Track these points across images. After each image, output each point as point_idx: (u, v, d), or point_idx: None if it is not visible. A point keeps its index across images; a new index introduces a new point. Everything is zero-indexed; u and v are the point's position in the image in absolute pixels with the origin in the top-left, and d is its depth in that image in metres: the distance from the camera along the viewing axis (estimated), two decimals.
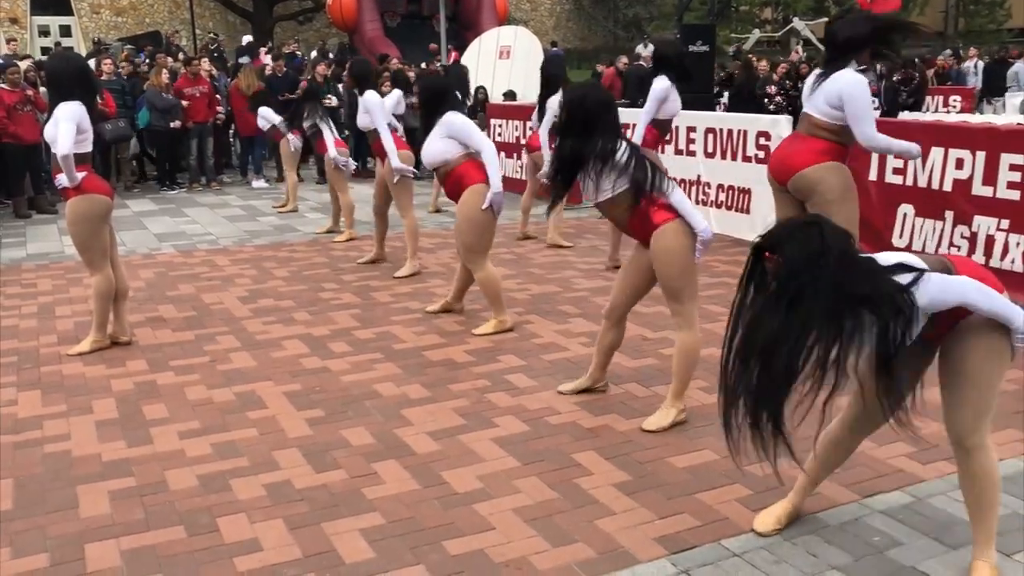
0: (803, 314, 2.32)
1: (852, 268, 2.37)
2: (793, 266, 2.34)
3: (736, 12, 29.51)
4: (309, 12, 27.83)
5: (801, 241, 2.35)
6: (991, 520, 2.76)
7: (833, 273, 2.31)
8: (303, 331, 5.63)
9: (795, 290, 2.32)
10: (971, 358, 2.62)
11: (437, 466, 3.70)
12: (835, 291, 2.32)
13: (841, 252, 2.35)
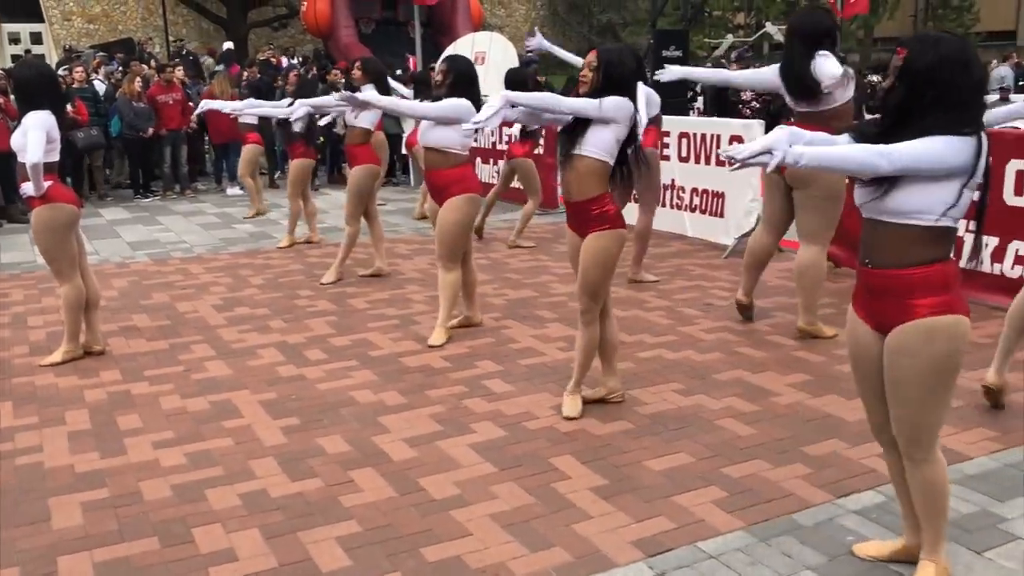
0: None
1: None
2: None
3: (709, 17, 29.66)
4: (283, 18, 27.70)
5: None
6: (940, 524, 2.71)
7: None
8: (279, 339, 5.61)
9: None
10: (914, 374, 2.54)
11: (414, 473, 3.69)
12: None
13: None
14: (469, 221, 5.40)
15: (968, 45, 2.49)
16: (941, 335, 2.50)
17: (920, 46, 2.47)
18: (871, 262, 2.59)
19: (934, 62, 2.42)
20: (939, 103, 2.43)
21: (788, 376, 4.72)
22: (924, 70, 2.44)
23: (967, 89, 2.44)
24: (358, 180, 6.98)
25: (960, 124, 2.43)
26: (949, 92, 2.42)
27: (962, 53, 2.44)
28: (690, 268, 7.30)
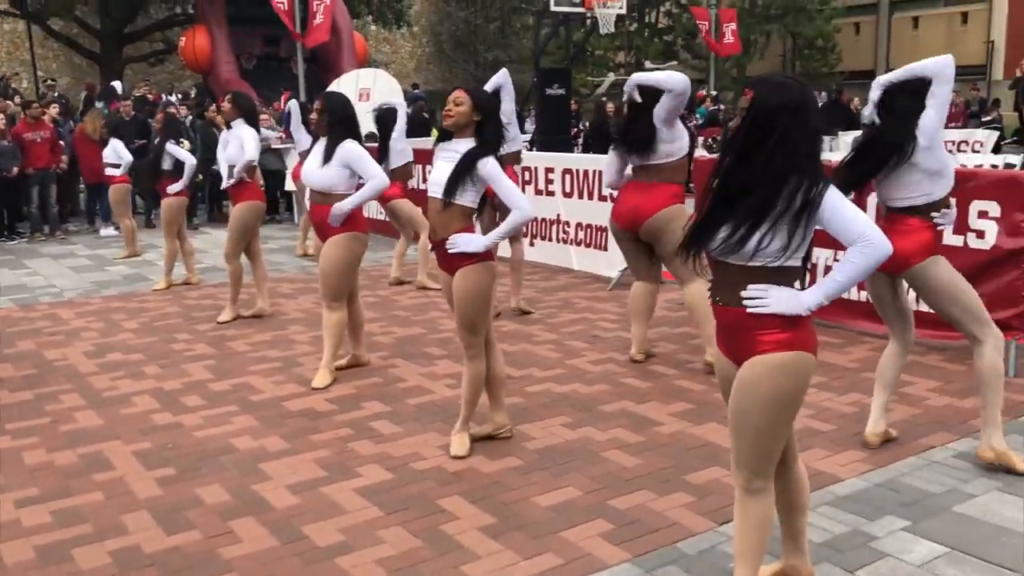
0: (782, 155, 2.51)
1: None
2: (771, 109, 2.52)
3: (591, 56, 30.50)
4: (161, 53, 26.99)
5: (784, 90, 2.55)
6: (759, 561, 2.69)
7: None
8: (154, 385, 5.38)
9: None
10: (757, 407, 2.58)
11: (297, 520, 3.58)
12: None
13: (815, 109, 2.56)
14: (353, 259, 5.32)
15: (809, 92, 2.59)
16: (785, 371, 2.56)
17: (765, 89, 2.58)
18: (720, 300, 2.67)
19: (776, 106, 2.54)
20: (781, 145, 2.53)
21: (671, 405, 4.82)
22: (767, 112, 2.54)
23: (805, 133, 2.54)
24: (241, 217, 6.82)
25: (811, 171, 2.53)
26: (789, 135, 2.52)
27: (802, 99, 2.56)
28: (576, 301, 7.40)
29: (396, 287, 8.14)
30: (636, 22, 32.56)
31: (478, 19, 32.80)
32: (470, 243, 4.02)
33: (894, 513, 3.50)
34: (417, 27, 32.54)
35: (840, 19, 31.70)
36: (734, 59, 29.10)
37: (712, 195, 2.62)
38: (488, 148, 4.01)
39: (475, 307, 4.09)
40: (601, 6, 16.18)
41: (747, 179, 2.54)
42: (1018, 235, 5.22)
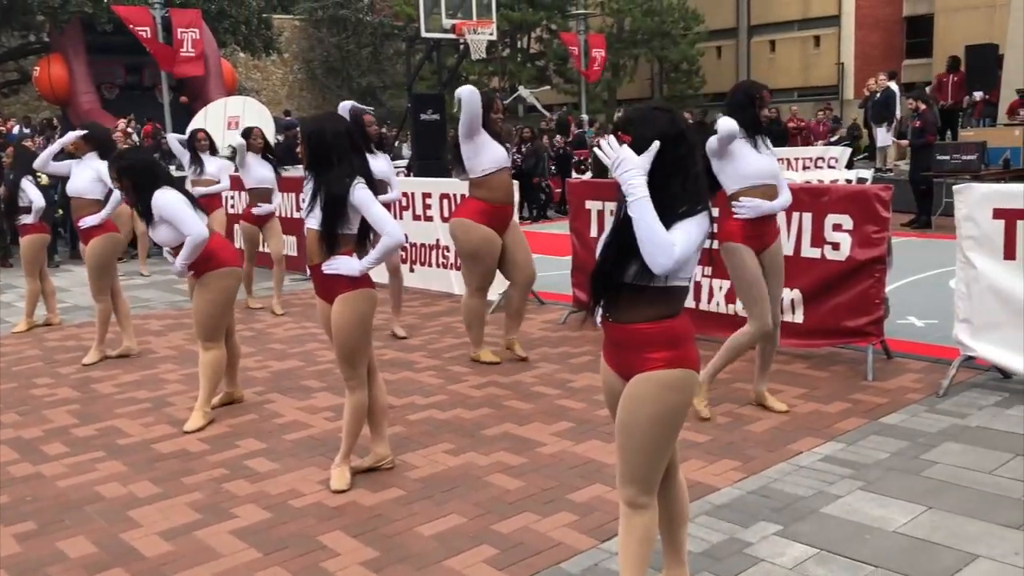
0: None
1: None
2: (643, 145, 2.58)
3: (465, 81, 30.78)
4: (14, 84, 25.68)
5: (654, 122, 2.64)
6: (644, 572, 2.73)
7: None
8: (11, 435, 5.06)
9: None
10: (642, 422, 2.64)
11: (169, 569, 3.42)
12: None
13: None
14: (226, 296, 5.14)
15: (677, 118, 2.69)
16: (670, 387, 2.64)
17: (636, 117, 2.68)
18: (612, 317, 2.73)
19: (656, 135, 2.59)
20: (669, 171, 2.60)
21: (552, 425, 4.86)
22: (646, 140, 2.59)
23: (685, 157, 2.64)
24: (97, 252, 6.52)
25: (694, 194, 2.62)
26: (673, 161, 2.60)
27: (672, 125, 2.65)
28: (458, 326, 7.38)
29: (275, 319, 7.95)
30: (508, 47, 33.08)
31: (350, 45, 32.61)
32: (347, 267, 3.96)
33: (767, 519, 3.62)
34: (288, 53, 32.06)
35: (703, 43, 33.05)
36: (605, 82, 29.92)
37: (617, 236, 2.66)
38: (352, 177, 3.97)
39: (354, 336, 4.02)
40: (472, 32, 16.36)
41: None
42: (870, 246, 5.52)
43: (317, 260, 4.04)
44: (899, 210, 10.72)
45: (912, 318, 6.93)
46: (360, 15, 32.65)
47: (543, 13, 31.26)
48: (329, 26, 32.43)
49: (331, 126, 4.00)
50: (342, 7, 32.07)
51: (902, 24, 31.91)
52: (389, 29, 32.88)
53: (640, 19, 31.38)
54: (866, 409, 4.90)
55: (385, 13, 32.70)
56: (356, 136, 4.14)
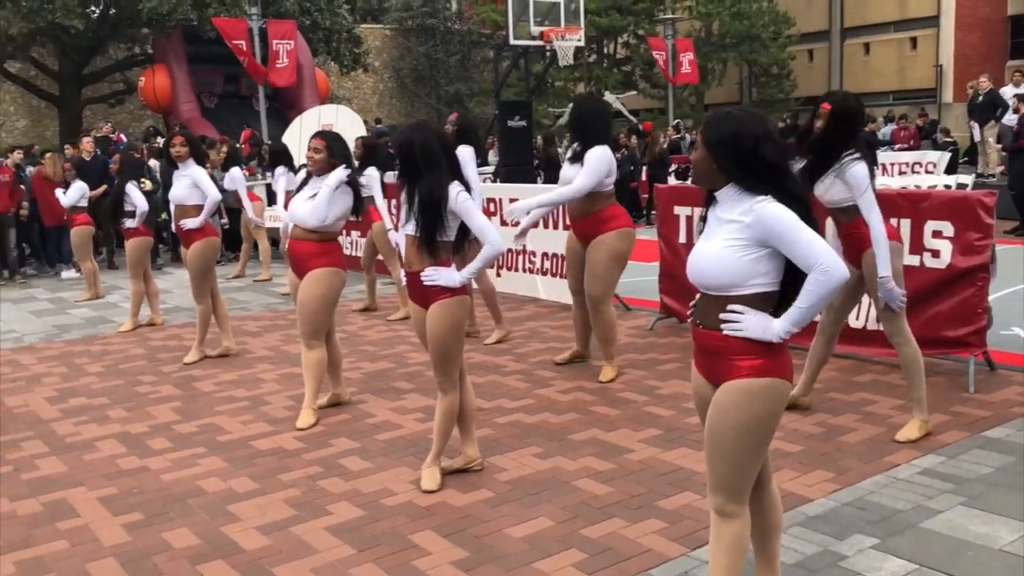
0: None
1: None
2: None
3: (552, 87, 30.84)
4: (120, 94, 26.82)
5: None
6: None
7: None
8: (119, 429, 5.30)
9: None
10: (730, 431, 2.62)
11: (267, 562, 3.54)
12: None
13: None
14: (332, 295, 5.28)
15: (756, 119, 2.65)
16: (759, 396, 2.61)
17: (713, 121, 2.67)
18: (701, 323, 2.72)
19: (726, 135, 2.61)
20: (743, 171, 2.60)
21: (641, 432, 4.84)
22: (716, 143, 2.62)
23: (761, 159, 2.60)
24: (198, 256, 6.78)
25: (785, 190, 2.60)
26: (747, 161, 2.59)
27: (753, 126, 2.62)
28: (544, 330, 7.42)
29: (364, 322, 8.12)
30: (595, 53, 33.01)
31: (438, 53, 33.03)
32: (446, 278, 4.03)
33: (862, 531, 3.53)
34: (378, 62, 32.70)
35: (794, 47, 32.36)
36: (692, 87, 29.58)
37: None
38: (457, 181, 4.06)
39: (448, 341, 4.09)
40: (560, 39, 16.39)
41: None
42: (973, 254, 5.34)
43: (415, 267, 4.12)
44: (1005, 217, 10.33)
45: (1017, 329, 6.66)
46: (448, 24, 33.07)
47: (630, 18, 31.12)
48: (418, 35, 32.92)
49: (418, 135, 4.09)
50: (431, 16, 32.53)
51: (1006, 23, 30.61)
52: (476, 37, 33.20)
53: (728, 23, 30.93)
54: (968, 422, 4.73)
55: (473, 21, 33.03)
56: (447, 142, 4.22)
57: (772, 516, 2.90)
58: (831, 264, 2.52)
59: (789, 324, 2.59)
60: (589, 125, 5.71)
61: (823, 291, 2.53)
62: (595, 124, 5.71)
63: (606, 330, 5.87)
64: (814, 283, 2.53)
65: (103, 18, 22.52)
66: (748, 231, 2.58)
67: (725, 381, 2.65)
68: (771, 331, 2.59)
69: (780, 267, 2.63)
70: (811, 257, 2.53)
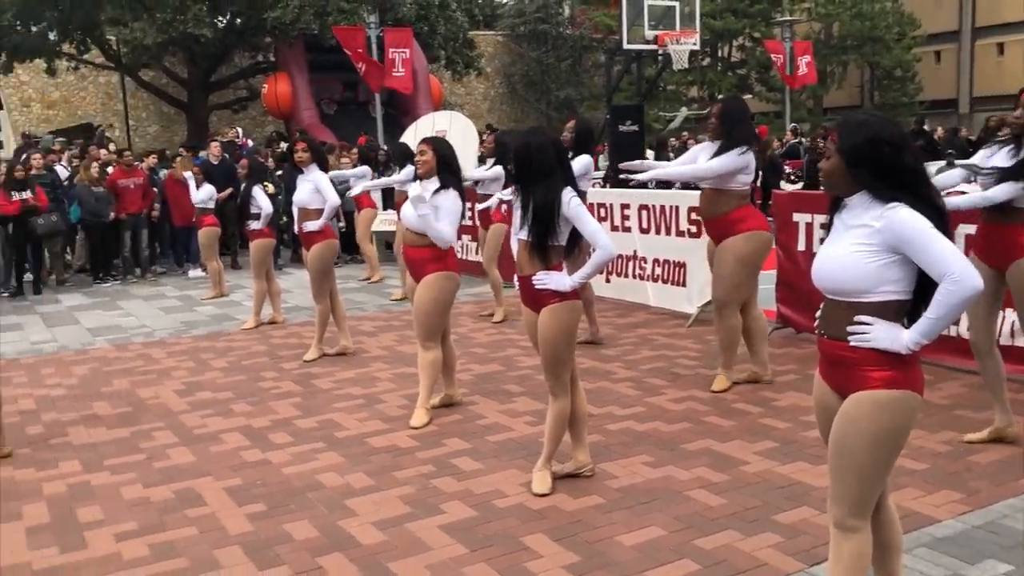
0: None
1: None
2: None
3: (663, 91, 30.54)
4: (244, 101, 27.99)
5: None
6: None
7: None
8: (243, 423, 5.53)
9: None
10: (858, 443, 2.55)
11: (384, 557, 3.62)
12: None
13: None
14: (447, 298, 5.38)
15: (892, 125, 2.58)
16: (888, 408, 2.53)
17: (847, 128, 2.60)
18: (827, 333, 2.65)
19: (861, 142, 2.53)
20: (879, 178, 2.52)
21: (755, 444, 4.74)
22: (852, 150, 2.55)
23: (899, 166, 2.52)
24: (319, 257, 7.01)
25: (922, 196, 2.52)
26: (883, 168, 2.51)
27: (886, 132, 2.54)
28: (654, 337, 7.35)
29: (474, 324, 8.22)
30: (709, 57, 32.53)
31: (549, 58, 33.16)
32: (557, 282, 4.05)
33: (995, 556, 3.37)
34: (490, 68, 33.05)
35: (920, 48, 31.10)
36: (810, 90, 28.79)
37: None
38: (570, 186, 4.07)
39: (560, 346, 4.11)
40: (675, 43, 16.22)
41: None
42: None
43: (527, 271, 4.15)
44: None
45: None
46: (560, 29, 33.17)
47: (746, 21, 30.54)
48: (530, 41, 33.14)
49: (534, 141, 4.12)
50: (543, 22, 32.70)
51: None
52: (588, 42, 33.19)
53: (849, 24, 29.99)
54: None
55: (585, 26, 33.04)
56: (562, 149, 4.23)
57: (891, 534, 2.80)
58: (963, 274, 2.42)
59: (919, 335, 2.50)
60: (735, 125, 5.52)
61: (954, 301, 2.44)
62: (741, 124, 5.55)
63: (726, 336, 5.73)
64: (945, 293, 2.44)
65: (230, 27, 23.56)
66: (878, 236, 2.51)
67: (853, 392, 2.58)
68: (900, 342, 2.51)
69: (911, 276, 2.54)
70: (943, 265, 2.44)
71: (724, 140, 5.48)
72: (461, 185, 5.38)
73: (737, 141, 5.42)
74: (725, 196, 5.53)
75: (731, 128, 5.49)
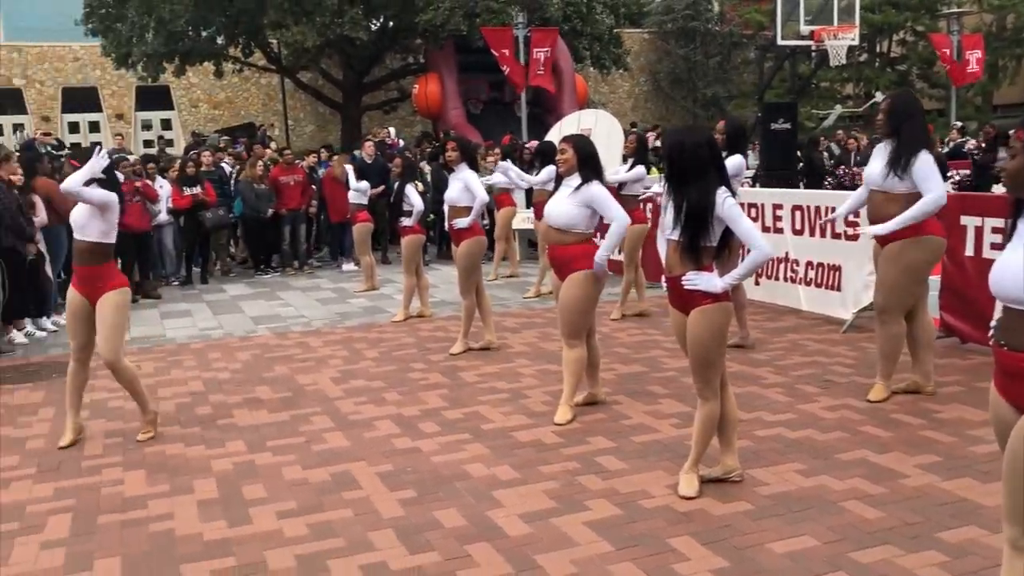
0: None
1: None
2: None
3: (817, 88, 29.46)
4: (395, 101, 28.88)
5: None
6: None
7: None
8: (394, 411, 5.72)
9: None
10: None
11: (530, 550, 3.67)
12: None
13: None
14: (592, 296, 5.39)
15: None
16: None
17: None
18: (1006, 344, 2.50)
19: None
20: None
21: (916, 457, 4.51)
22: None
23: None
24: (467, 254, 7.15)
25: None
26: None
27: None
28: (806, 343, 7.12)
29: (617, 324, 8.19)
30: (866, 52, 31.13)
31: (697, 55, 32.58)
32: (708, 283, 3.99)
33: None
34: (635, 66, 32.78)
35: None
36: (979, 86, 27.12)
37: None
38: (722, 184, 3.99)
39: (710, 348, 4.04)
40: (831, 38, 15.62)
41: None
42: None
43: (676, 272, 4.10)
44: None
45: None
46: (709, 26, 32.53)
47: (908, 14, 29.04)
48: (677, 38, 32.66)
49: (690, 139, 4.05)
50: (692, 19, 32.15)
51: None
52: (738, 38, 32.41)
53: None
54: None
55: (735, 22, 32.27)
56: (716, 148, 4.15)
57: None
58: None
59: None
60: (904, 121, 5.23)
61: None
62: (910, 121, 5.26)
63: (887, 345, 5.45)
64: None
65: (383, 30, 24.35)
66: None
67: None
68: None
69: None
70: None
71: (893, 138, 5.24)
72: (603, 180, 5.37)
73: (906, 140, 5.17)
74: (895, 199, 5.27)
75: (899, 125, 5.23)
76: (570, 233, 5.33)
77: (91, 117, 30.51)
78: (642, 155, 8.32)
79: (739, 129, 7.27)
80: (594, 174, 5.31)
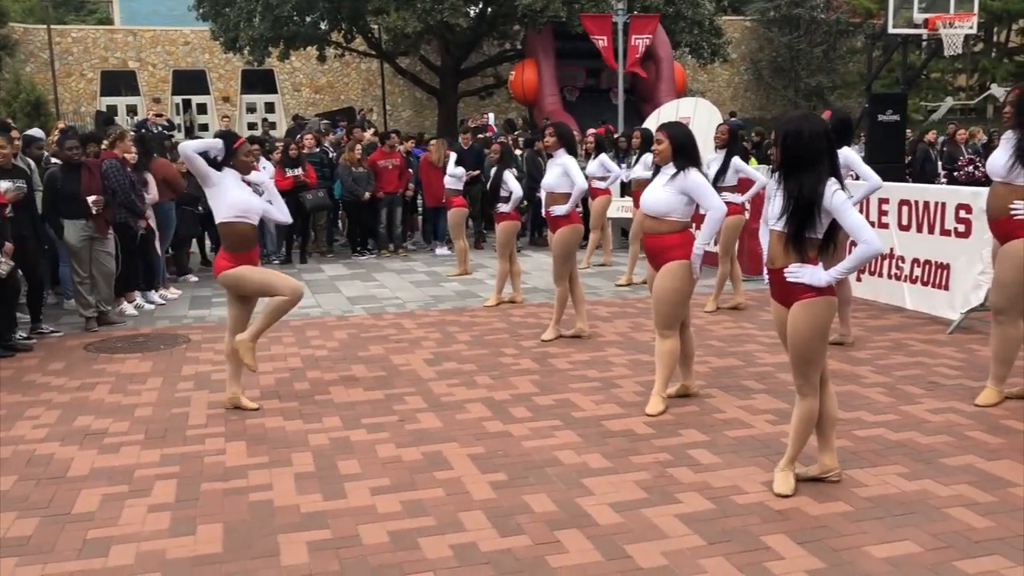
0: None
1: None
2: None
3: (927, 79, 28.33)
4: (491, 88, 29.02)
5: None
6: None
7: None
8: (485, 395, 5.76)
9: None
10: None
11: (620, 539, 3.65)
12: None
13: None
14: (687, 287, 5.32)
15: None
16: None
17: None
18: None
19: None
20: None
21: None
22: None
23: None
24: (563, 241, 7.14)
25: None
26: None
27: None
28: (910, 343, 6.87)
29: (712, 317, 8.07)
30: (982, 41, 29.76)
31: (801, 44, 31.71)
32: (812, 276, 3.88)
33: None
34: (736, 55, 32.10)
35: None
36: None
37: None
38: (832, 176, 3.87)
39: (812, 343, 3.94)
40: (947, 26, 14.96)
41: None
42: None
43: (779, 263, 4.01)
44: None
45: None
46: (814, 13, 31.61)
47: None
48: (781, 26, 31.86)
49: (808, 127, 3.92)
50: (796, 6, 31.32)
51: None
52: (845, 26, 31.41)
53: None
54: None
55: (842, 10, 31.26)
56: (832, 138, 4.02)
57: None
58: None
59: None
60: None
61: None
62: None
63: (1001, 347, 5.22)
64: None
65: (482, 16, 24.47)
66: None
67: None
68: None
69: None
70: None
71: (1018, 130, 4.99)
72: (700, 168, 5.27)
73: None
74: (1018, 191, 5.02)
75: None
76: (665, 221, 5.26)
77: (199, 99, 31.59)
78: (733, 146, 8.15)
79: (845, 121, 7.05)
80: (690, 162, 5.22)
